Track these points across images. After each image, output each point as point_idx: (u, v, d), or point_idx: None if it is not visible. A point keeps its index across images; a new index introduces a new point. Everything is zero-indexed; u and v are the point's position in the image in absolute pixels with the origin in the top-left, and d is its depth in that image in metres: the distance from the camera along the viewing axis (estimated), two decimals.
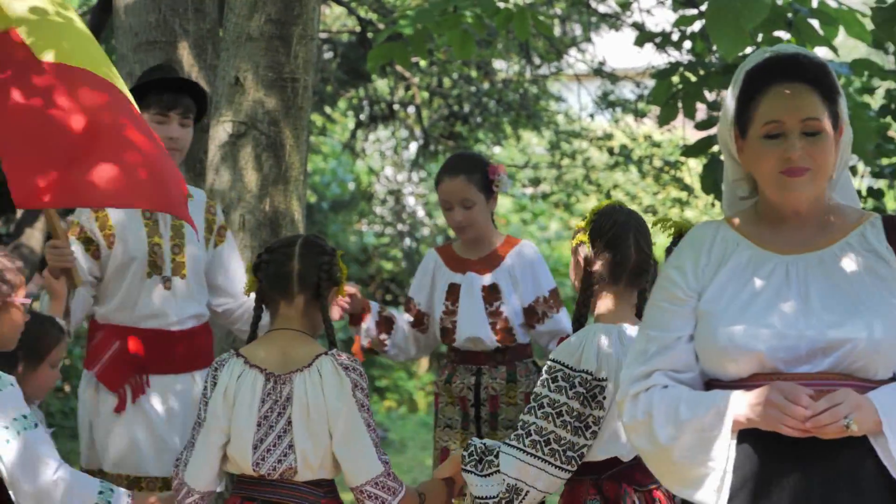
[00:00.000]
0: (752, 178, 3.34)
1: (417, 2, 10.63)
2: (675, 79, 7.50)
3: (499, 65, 14.71)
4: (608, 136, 14.03)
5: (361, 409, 4.12)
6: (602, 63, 13.15)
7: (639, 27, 11.35)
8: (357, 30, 12.71)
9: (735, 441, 3.11)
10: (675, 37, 8.92)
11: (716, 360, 3.21)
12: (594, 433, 3.89)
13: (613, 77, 13.20)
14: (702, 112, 7.90)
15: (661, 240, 4.20)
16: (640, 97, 13.16)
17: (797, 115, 3.17)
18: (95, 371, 5.20)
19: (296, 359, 4.16)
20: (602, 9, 12.84)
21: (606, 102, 13.78)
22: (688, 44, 8.92)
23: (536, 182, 16.22)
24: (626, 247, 4.06)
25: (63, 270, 4.89)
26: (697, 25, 7.77)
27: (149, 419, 5.18)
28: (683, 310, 3.28)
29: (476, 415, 5.67)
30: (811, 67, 3.22)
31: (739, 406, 3.09)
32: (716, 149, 7.38)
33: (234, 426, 4.13)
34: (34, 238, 9.80)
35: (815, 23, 6.23)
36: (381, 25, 11.44)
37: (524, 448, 3.88)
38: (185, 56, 6.66)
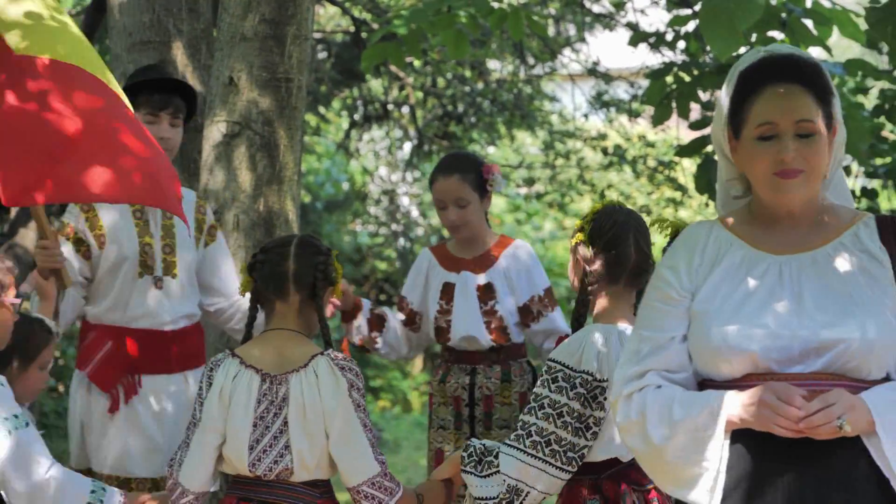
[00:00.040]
0: (746, 178, 3.34)
1: (411, 2, 10.63)
2: (669, 79, 7.51)
3: (493, 65, 14.70)
4: (602, 136, 14.03)
5: (358, 409, 4.12)
6: (596, 63, 13.15)
7: (633, 27, 11.35)
8: (351, 30, 12.71)
9: (728, 441, 3.11)
10: (669, 37, 8.92)
11: (709, 361, 3.21)
12: (595, 434, 3.88)
13: (607, 77, 13.21)
14: (696, 112, 7.90)
15: (658, 240, 4.20)
16: (634, 97, 13.17)
17: (791, 117, 3.17)
18: (87, 371, 5.19)
19: (292, 359, 4.16)
20: (596, 9, 12.85)
21: (600, 102, 13.78)
22: (682, 44, 8.91)
23: (530, 182, 16.22)
24: (626, 247, 4.05)
25: (52, 271, 4.87)
26: (691, 25, 7.77)
27: (140, 420, 5.17)
28: (677, 310, 3.29)
29: (470, 414, 5.67)
30: (805, 68, 3.22)
31: (733, 406, 3.09)
32: (710, 149, 7.38)
33: (230, 427, 4.13)
34: (28, 238, 9.77)
35: (809, 23, 6.23)
36: (376, 25, 11.44)
37: (525, 449, 3.88)
38: (180, 56, 6.65)
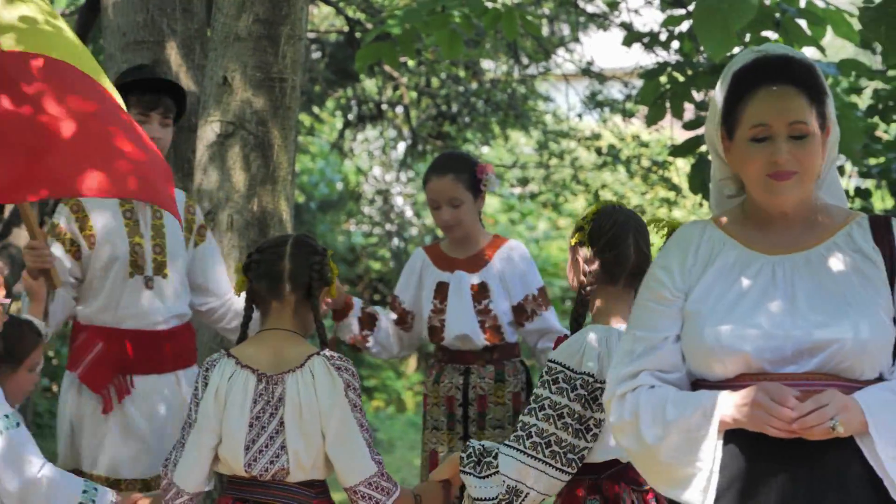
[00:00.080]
0: (739, 177, 3.34)
1: (405, 1, 10.62)
2: (663, 79, 7.52)
3: (487, 65, 14.70)
4: (596, 136, 14.03)
5: (354, 409, 4.11)
6: (590, 63, 13.15)
7: (627, 27, 11.35)
8: (345, 29, 12.71)
9: (721, 441, 3.11)
10: (663, 37, 8.94)
11: (702, 361, 3.21)
12: (595, 436, 3.88)
13: (601, 77, 13.20)
14: (689, 112, 7.92)
15: (655, 240, 4.19)
16: (628, 97, 13.17)
17: (784, 119, 3.16)
18: (78, 372, 5.19)
19: (288, 359, 4.15)
20: (590, 9, 12.85)
21: (594, 102, 13.78)
22: (676, 44, 8.93)
23: (524, 182, 16.22)
24: (626, 247, 4.05)
25: (42, 271, 4.87)
26: (685, 25, 7.78)
27: (131, 421, 5.17)
28: (670, 310, 3.29)
29: (464, 414, 5.67)
30: (799, 69, 3.22)
31: (726, 406, 3.09)
32: (703, 149, 7.39)
33: (226, 427, 4.12)
34: (22, 238, 9.77)
35: (803, 23, 6.24)
36: (370, 25, 11.44)
37: (524, 450, 3.87)
38: (173, 56, 6.65)
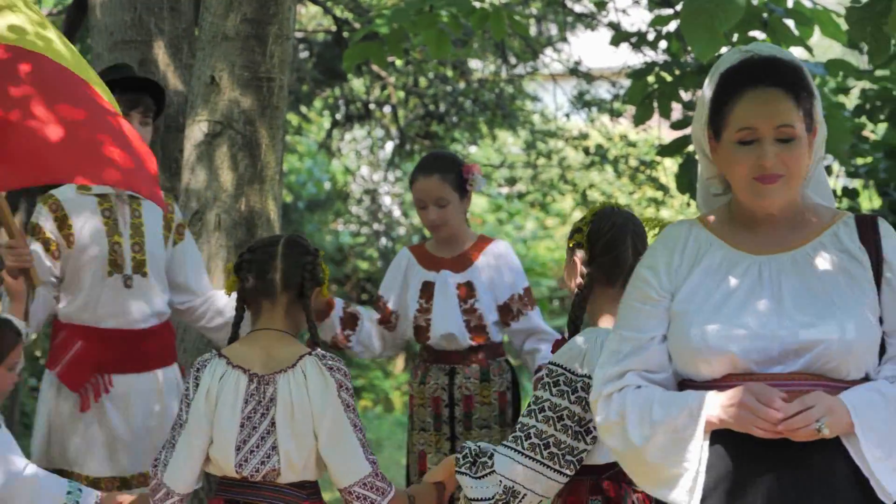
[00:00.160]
0: (726, 176, 3.33)
1: (393, 1, 10.62)
2: (651, 78, 7.53)
3: (475, 64, 14.71)
4: (584, 136, 14.04)
5: (347, 410, 4.10)
6: (578, 63, 13.16)
7: (614, 27, 11.36)
8: (333, 29, 12.71)
9: (708, 442, 3.11)
10: (651, 37, 8.95)
11: (689, 361, 3.21)
12: (594, 438, 3.86)
13: (589, 77, 13.21)
14: (677, 112, 7.93)
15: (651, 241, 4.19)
16: (616, 97, 13.18)
17: (771, 123, 3.15)
18: (57, 371, 5.19)
19: (279, 359, 4.13)
20: (578, 8, 12.85)
21: (582, 102, 13.79)
22: (663, 44, 8.95)
23: (512, 182, 16.23)
24: (624, 249, 4.03)
25: (21, 270, 4.86)
26: (673, 25, 7.79)
27: (109, 419, 5.17)
28: (656, 310, 3.29)
29: (450, 415, 5.68)
30: (786, 71, 3.21)
31: (712, 407, 3.09)
32: (691, 149, 7.40)
33: (217, 427, 4.10)
34: (3, 236, 9.77)
35: (791, 23, 6.25)
36: (357, 25, 11.44)
37: (522, 451, 3.86)
38: (161, 55, 6.65)
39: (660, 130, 11.50)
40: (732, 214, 3.33)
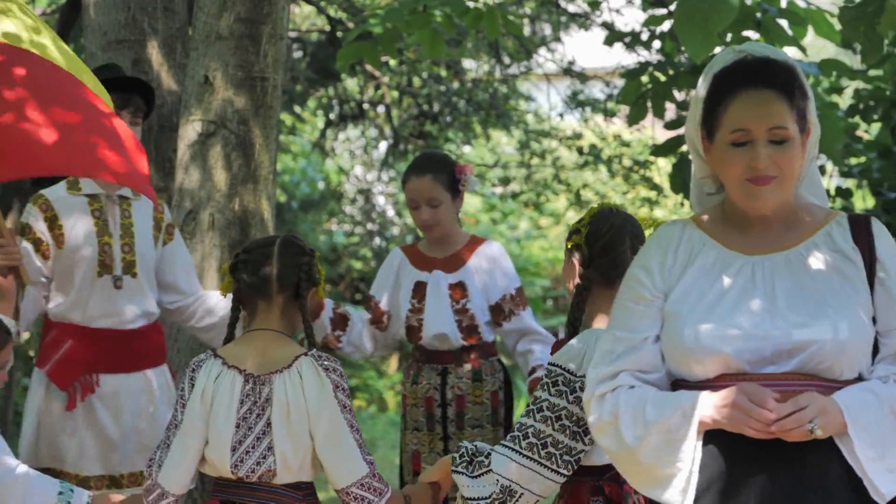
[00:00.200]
0: (719, 176, 3.33)
1: (387, 1, 10.63)
2: (645, 78, 7.53)
3: (468, 64, 14.72)
4: (578, 136, 14.06)
5: (344, 411, 4.09)
6: (571, 62, 13.18)
7: (608, 27, 11.38)
8: (327, 29, 12.70)
9: (701, 442, 3.11)
10: (645, 36, 8.95)
11: (682, 361, 3.21)
12: (592, 438, 3.87)
13: (583, 76, 13.23)
14: (671, 112, 7.93)
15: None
16: (610, 97, 13.21)
17: (764, 124, 3.15)
18: (46, 369, 5.20)
19: (275, 359, 4.12)
20: (571, 8, 12.87)
21: (576, 102, 13.81)
22: (657, 43, 8.95)
23: (506, 181, 16.24)
24: (622, 251, 4.03)
25: (11, 269, 4.85)
26: (666, 25, 7.80)
27: (97, 418, 5.18)
28: (650, 310, 3.28)
29: (442, 415, 5.68)
30: (780, 71, 3.20)
31: (705, 407, 3.09)
32: (685, 148, 7.41)
33: (212, 428, 4.08)
34: None
35: (784, 23, 6.26)
36: (351, 24, 11.44)
37: (520, 450, 3.85)
38: (155, 55, 6.64)
39: (653, 130, 11.51)
40: (726, 214, 3.33)
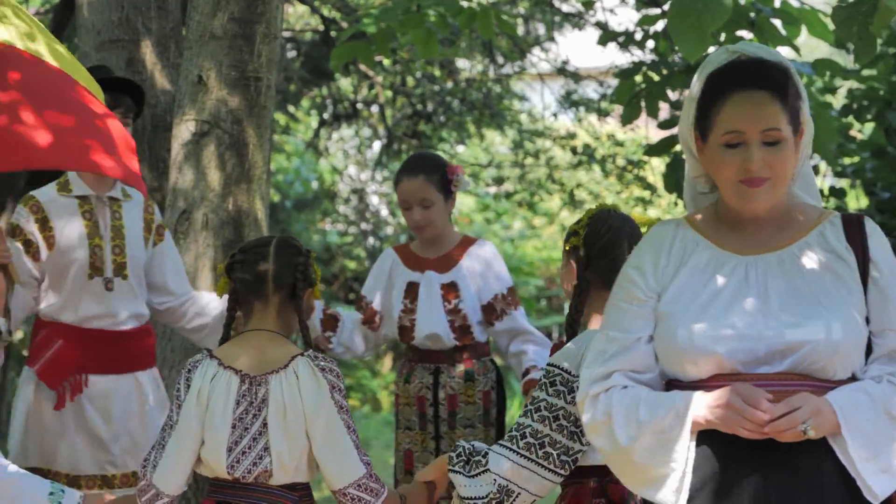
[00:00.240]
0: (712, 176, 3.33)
1: (381, 1, 10.62)
2: (638, 78, 7.54)
3: (462, 64, 14.72)
4: (571, 136, 14.06)
5: (340, 411, 4.08)
6: (565, 62, 13.18)
7: (602, 26, 11.37)
8: (320, 28, 12.71)
9: (694, 442, 3.11)
10: (639, 36, 8.96)
11: (675, 362, 3.21)
12: None
13: (577, 76, 13.23)
14: (665, 111, 7.94)
15: None
16: (604, 96, 13.21)
17: (758, 126, 3.14)
18: (36, 368, 5.20)
19: (271, 360, 4.11)
20: (565, 8, 12.87)
21: (570, 102, 13.81)
22: (651, 43, 8.95)
23: (500, 181, 16.25)
24: (620, 252, 4.02)
25: (0, 267, 4.85)
26: (660, 25, 7.80)
27: (87, 418, 5.18)
28: (643, 310, 3.28)
29: (435, 414, 5.69)
30: (773, 72, 3.19)
31: (699, 407, 3.08)
32: (678, 148, 7.41)
33: (208, 428, 4.07)
34: None
35: (778, 22, 6.26)
36: (345, 24, 11.44)
37: (518, 450, 3.85)
38: (148, 54, 6.64)
39: (647, 130, 11.53)
40: (719, 214, 3.33)
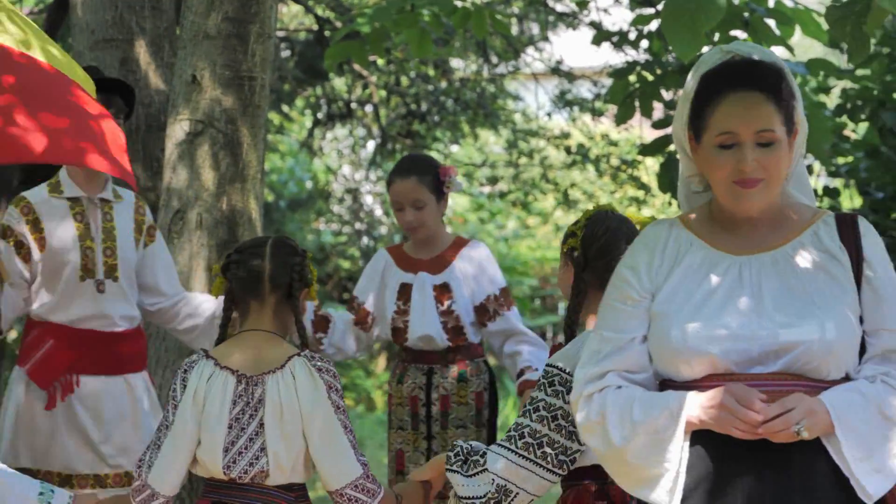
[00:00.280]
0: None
1: (375, 0, 10.62)
2: (632, 78, 7.54)
3: (456, 63, 14.71)
4: (565, 135, 14.07)
5: (337, 411, 4.07)
6: (559, 62, 13.18)
7: (596, 26, 11.38)
8: (314, 28, 12.69)
9: (688, 442, 3.11)
10: (632, 36, 8.96)
11: (669, 362, 3.21)
12: None
13: (571, 76, 13.24)
14: (659, 111, 7.93)
15: None
16: (598, 96, 13.21)
17: (751, 127, 3.14)
18: (27, 368, 5.19)
19: (268, 360, 4.10)
20: (559, 8, 12.87)
21: (564, 101, 13.82)
22: (645, 43, 8.96)
23: (494, 181, 16.24)
24: (618, 253, 3.99)
25: None
26: (654, 24, 7.80)
27: (78, 418, 5.17)
28: (637, 310, 3.28)
29: (427, 413, 5.69)
30: (767, 73, 3.19)
31: (692, 407, 3.08)
32: (672, 148, 7.41)
33: (205, 429, 4.06)
34: None
35: (772, 22, 6.26)
36: (339, 24, 11.43)
37: (516, 449, 3.85)
38: (142, 54, 6.64)
39: (641, 130, 11.52)
40: (713, 214, 3.33)
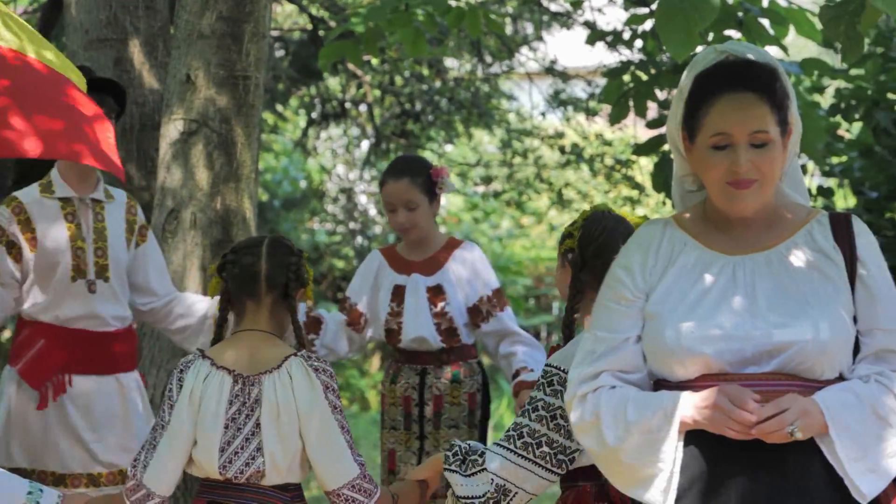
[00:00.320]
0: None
1: (369, 0, 10.62)
2: (627, 77, 7.54)
3: (450, 63, 14.71)
4: (560, 135, 14.06)
5: (334, 411, 4.06)
6: (554, 61, 13.18)
7: (590, 26, 11.37)
8: (309, 28, 12.70)
9: (682, 442, 3.11)
10: (627, 35, 8.97)
11: (663, 362, 3.21)
12: None
13: (565, 76, 13.24)
14: (653, 111, 7.94)
15: None
16: (592, 96, 13.21)
17: (745, 128, 3.14)
18: (18, 368, 5.19)
19: (264, 360, 4.10)
20: (554, 7, 12.87)
21: (558, 101, 13.81)
22: (639, 42, 8.95)
23: (488, 180, 16.24)
24: (616, 253, 4.03)
25: None
26: (648, 24, 7.80)
27: (69, 418, 5.17)
28: (631, 310, 3.28)
29: (420, 414, 5.69)
30: (761, 74, 3.19)
31: (686, 408, 3.08)
32: (666, 147, 7.41)
33: (201, 429, 4.05)
34: None
35: (766, 22, 6.27)
36: (333, 23, 11.43)
37: (515, 449, 3.85)
38: (136, 54, 6.63)
39: (635, 129, 11.54)
40: (707, 214, 3.32)
